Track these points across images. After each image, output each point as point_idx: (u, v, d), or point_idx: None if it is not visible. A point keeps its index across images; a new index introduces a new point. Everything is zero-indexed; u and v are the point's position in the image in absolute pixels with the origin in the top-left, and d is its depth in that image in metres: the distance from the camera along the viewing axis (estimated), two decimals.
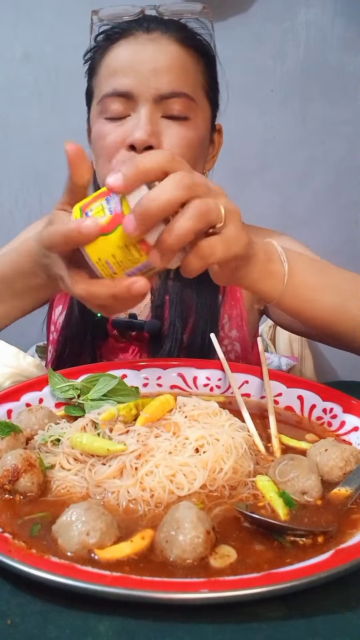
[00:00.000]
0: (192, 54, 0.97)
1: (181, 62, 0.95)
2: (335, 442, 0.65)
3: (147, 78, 0.92)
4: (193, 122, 0.96)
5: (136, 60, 0.93)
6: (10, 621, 0.44)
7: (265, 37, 2.05)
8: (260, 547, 0.51)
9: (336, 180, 2.20)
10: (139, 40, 0.95)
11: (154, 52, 0.94)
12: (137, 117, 0.93)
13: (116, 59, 0.96)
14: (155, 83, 0.92)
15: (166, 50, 0.94)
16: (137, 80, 0.92)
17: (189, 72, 0.96)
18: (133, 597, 0.43)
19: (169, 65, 0.93)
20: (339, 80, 2.12)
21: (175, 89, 0.93)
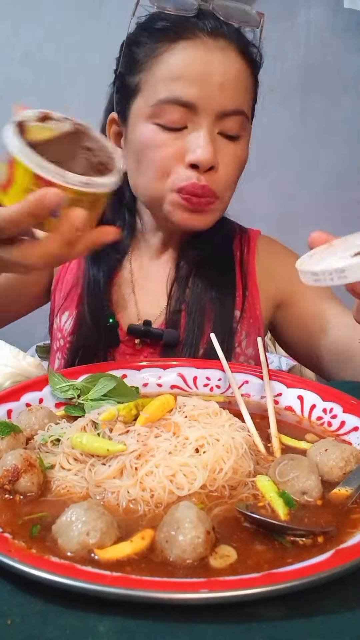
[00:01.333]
0: (250, 68, 0.94)
1: (244, 78, 0.92)
2: (335, 442, 0.65)
3: (213, 92, 0.88)
4: (243, 140, 0.95)
5: (205, 70, 0.87)
6: (10, 621, 0.44)
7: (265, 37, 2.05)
8: (260, 547, 0.51)
9: (336, 180, 2.20)
10: (208, 47, 0.88)
11: (222, 63, 0.89)
12: (197, 132, 0.89)
13: (181, 63, 0.88)
14: (221, 98, 0.88)
15: (233, 63, 0.90)
16: (203, 92, 0.87)
17: (247, 89, 0.93)
18: (133, 597, 0.43)
19: (234, 80, 0.90)
20: (339, 80, 2.12)
21: (237, 107, 0.91)
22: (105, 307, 1.02)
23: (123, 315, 1.04)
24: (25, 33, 1.98)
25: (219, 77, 0.88)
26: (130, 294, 1.06)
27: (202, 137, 0.89)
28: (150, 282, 1.07)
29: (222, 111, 0.89)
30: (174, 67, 0.88)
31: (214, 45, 0.89)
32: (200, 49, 0.88)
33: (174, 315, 1.02)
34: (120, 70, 0.97)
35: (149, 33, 0.92)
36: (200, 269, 1.04)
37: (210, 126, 0.89)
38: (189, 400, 0.71)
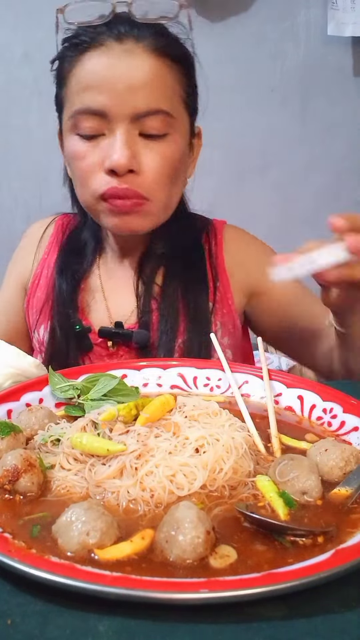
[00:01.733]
0: (169, 64, 0.91)
1: (158, 76, 0.89)
2: (335, 442, 0.65)
3: (122, 95, 0.87)
4: (171, 137, 0.92)
5: (110, 76, 0.87)
6: (10, 621, 0.44)
7: (265, 37, 2.05)
8: (260, 547, 0.51)
9: (336, 180, 2.20)
10: (112, 53, 0.88)
11: (129, 67, 0.87)
12: (113, 138, 0.89)
13: (87, 73, 0.89)
14: (131, 101, 0.87)
15: (142, 64, 0.88)
16: (111, 98, 0.87)
17: (166, 86, 0.90)
18: (133, 597, 0.43)
19: (145, 80, 0.88)
20: (339, 80, 2.12)
21: (152, 107, 0.88)
22: (72, 315, 1.05)
23: (96, 319, 1.06)
24: (25, 33, 1.98)
25: (126, 80, 0.87)
26: (101, 299, 1.08)
27: (117, 142, 0.88)
28: (119, 285, 1.08)
29: (136, 113, 0.88)
30: (83, 78, 0.90)
31: (120, 49, 0.88)
32: (105, 56, 0.88)
33: (145, 315, 1.03)
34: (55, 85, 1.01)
35: (67, 48, 0.94)
36: (167, 264, 1.06)
37: (125, 130, 0.89)
38: (189, 400, 0.71)
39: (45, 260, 1.13)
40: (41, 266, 1.14)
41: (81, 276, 1.08)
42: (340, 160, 2.18)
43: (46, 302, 1.09)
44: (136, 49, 0.88)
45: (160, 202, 0.95)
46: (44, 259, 1.14)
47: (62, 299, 1.06)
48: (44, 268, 1.13)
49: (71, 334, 1.04)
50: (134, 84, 0.87)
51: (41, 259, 1.14)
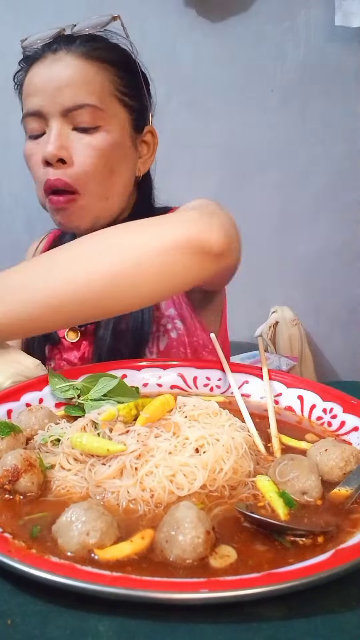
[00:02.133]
0: (98, 65, 1.01)
1: (84, 75, 0.99)
2: (335, 442, 0.65)
3: (52, 95, 0.98)
4: (104, 129, 1.00)
5: (42, 80, 1.00)
6: (10, 621, 0.44)
7: (265, 37, 2.05)
8: (261, 547, 0.51)
9: (336, 180, 2.20)
10: (46, 62, 1.01)
11: (58, 71, 0.99)
12: (48, 133, 1.00)
13: (29, 82, 1.02)
14: (59, 99, 0.98)
15: (67, 66, 0.99)
16: (45, 99, 0.99)
17: (93, 83, 1.00)
18: (133, 597, 0.43)
19: (70, 80, 0.98)
20: (339, 80, 2.12)
21: (78, 101, 0.98)
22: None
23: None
24: (25, 33, 1.98)
25: (55, 82, 0.99)
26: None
27: (50, 135, 0.99)
28: None
29: (65, 108, 0.98)
30: (26, 87, 1.03)
31: (53, 58, 1.01)
32: (41, 66, 1.02)
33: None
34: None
35: (22, 63, 1.08)
36: None
37: (57, 125, 0.99)
38: (189, 400, 0.71)
39: None
40: None
41: None
42: (340, 160, 2.18)
43: None
44: (65, 56, 1.01)
45: (93, 196, 1.01)
46: None
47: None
48: None
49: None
50: (62, 84, 0.98)
51: None
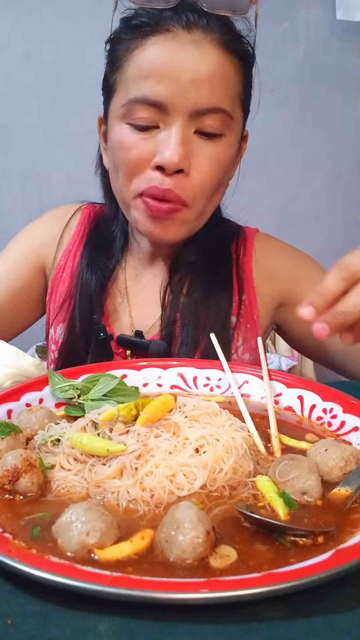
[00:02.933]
0: (235, 61, 0.86)
1: (223, 73, 0.84)
2: (335, 442, 0.65)
3: (184, 89, 0.81)
4: (226, 139, 0.88)
5: (174, 66, 0.81)
6: (11, 621, 0.44)
7: (265, 37, 2.05)
8: (261, 547, 0.51)
9: (336, 180, 2.20)
10: (179, 41, 0.82)
11: (195, 58, 0.82)
12: (168, 132, 0.84)
13: (149, 60, 0.83)
14: (193, 95, 0.82)
15: (209, 58, 0.83)
16: (173, 90, 0.82)
17: (229, 84, 0.86)
18: (133, 597, 0.43)
19: (210, 75, 0.83)
20: (339, 80, 2.12)
21: (214, 105, 0.84)
22: (97, 320, 0.99)
23: (117, 326, 1.02)
24: (25, 33, 1.98)
25: (190, 72, 0.81)
26: (125, 304, 1.03)
27: (172, 138, 0.83)
28: (144, 291, 1.03)
29: (196, 109, 0.83)
30: (143, 64, 0.83)
31: (187, 38, 0.82)
32: (170, 44, 0.82)
33: (169, 325, 0.97)
34: (105, 69, 0.93)
35: (127, 29, 0.87)
36: (195, 274, 1.00)
37: (182, 126, 0.83)
38: (189, 400, 0.71)
39: (70, 251, 1.07)
40: (65, 257, 1.06)
41: (108, 277, 1.02)
42: (340, 160, 2.18)
43: (67, 299, 1.03)
44: (204, 41, 0.83)
45: (198, 210, 0.91)
46: (69, 250, 1.07)
47: (87, 298, 1.00)
48: (67, 260, 1.06)
49: (92, 339, 0.98)
50: (199, 78, 0.82)
51: (65, 249, 1.07)
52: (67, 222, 1.10)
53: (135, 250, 1.05)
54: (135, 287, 1.04)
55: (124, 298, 1.03)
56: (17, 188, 2.13)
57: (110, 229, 1.06)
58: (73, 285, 1.03)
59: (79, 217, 1.11)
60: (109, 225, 1.06)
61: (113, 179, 0.95)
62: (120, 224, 1.04)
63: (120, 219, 1.04)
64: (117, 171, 0.91)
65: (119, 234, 1.05)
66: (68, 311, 1.03)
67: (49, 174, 2.09)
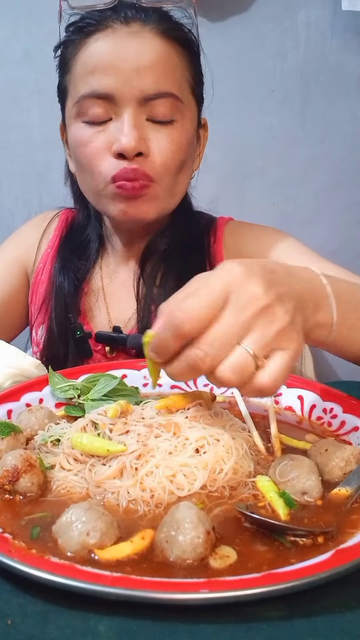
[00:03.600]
0: (177, 47, 0.89)
1: (166, 58, 0.87)
2: (335, 442, 0.65)
3: (130, 78, 0.85)
4: (180, 123, 0.90)
5: (117, 58, 0.85)
6: (11, 621, 0.44)
7: (265, 37, 2.05)
8: (261, 548, 0.51)
9: (336, 180, 2.19)
10: (118, 34, 0.86)
11: (136, 48, 0.85)
12: (121, 121, 0.87)
13: (93, 56, 0.87)
14: (139, 83, 0.85)
15: (150, 45, 0.86)
16: (119, 80, 0.85)
17: (174, 69, 0.89)
18: (133, 597, 0.43)
19: (153, 62, 0.86)
20: (339, 80, 2.11)
21: (161, 89, 0.86)
22: (73, 319, 1.01)
23: (95, 324, 1.04)
24: (25, 33, 1.98)
25: (133, 62, 0.85)
26: (102, 302, 1.06)
27: (125, 125, 0.86)
28: (119, 287, 1.06)
29: (144, 96, 0.86)
30: (89, 61, 0.87)
31: (127, 31, 0.86)
32: (111, 38, 0.86)
33: (145, 318, 0.99)
34: (58, 77, 0.97)
35: (72, 32, 0.91)
36: (166, 265, 1.02)
37: (133, 113, 0.86)
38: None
39: (48, 254, 1.11)
40: (44, 260, 1.11)
41: (83, 277, 1.06)
42: (340, 160, 2.18)
43: (45, 301, 1.07)
44: (143, 31, 0.87)
45: (166, 186, 0.92)
46: (47, 253, 1.12)
47: (62, 300, 1.04)
48: (46, 263, 1.11)
49: (70, 338, 1.01)
50: (142, 66, 0.85)
51: (44, 253, 1.12)
52: (45, 227, 1.15)
53: (109, 250, 1.08)
54: (111, 285, 1.07)
55: (100, 296, 1.06)
56: (17, 188, 2.13)
57: (84, 233, 1.09)
58: (49, 287, 1.07)
59: (56, 222, 1.16)
60: (82, 229, 1.10)
61: (80, 179, 0.97)
62: (93, 227, 1.08)
63: (93, 221, 1.07)
64: (83, 169, 0.93)
65: (93, 237, 1.08)
66: (45, 312, 1.06)
67: (49, 174, 2.09)
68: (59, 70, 0.96)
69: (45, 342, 1.04)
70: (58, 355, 1.01)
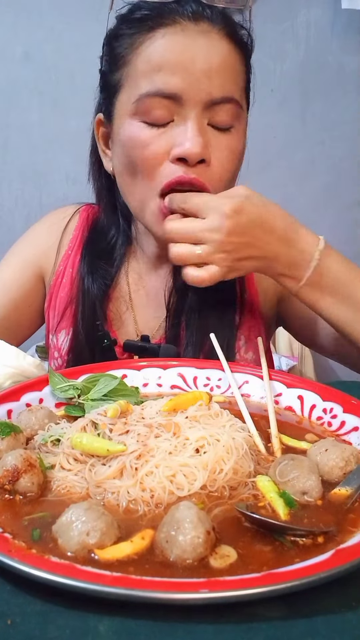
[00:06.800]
0: (239, 52, 0.87)
1: (232, 63, 0.85)
2: (335, 442, 0.65)
3: (198, 80, 0.81)
4: (237, 130, 0.88)
5: (187, 57, 0.81)
6: (10, 621, 0.44)
7: (265, 37, 2.05)
8: (261, 547, 0.51)
9: (336, 180, 2.20)
10: (188, 32, 0.82)
11: (206, 49, 0.82)
12: (184, 124, 0.83)
13: (160, 52, 0.82)
14: (207, 86, 0.82)
15: (219, 48, 0.83)
16: (187, 81, 0.81)
17: (238, 75, 0.87)
18: (133, 597, 0.43)
19: (222, 65, 0.83)
20: (339, 80, 2.12)
21: (227, 94, 0.84)
22: (101, 327, 0.98)
23: (121, 331, 1.01)
24: (25, 33, 1.98)
25: (203, 63, 0.81)
26: (128, 309, 1.02)
27: (189, 129, 0.82)
28: (147, 295, 1.02)
29: (211, 100, 0.83)
30: (154, 58, 0.82)
31: (196, 29, 0.82)
32: (180, 35, 0.82)
33: (173, 328, 0.96)
34: (103, 68, 0.92)
35: (128, 25, 0.86)
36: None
37: (198, 116, 0.83)
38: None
39: (69, 256, 1.06)
40: (64, 263, 1.05)
41: (110, 281, 1.01)
42: (340, 160, 2.18)
43: (69, 306, 1.02)
44: (211, 31, 0.83)
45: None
46: (68, 255, 1.06)
47: (89, 305, 0.99)
48: (67, 266, 1.05)
49: (96, 345, 0.97)
50: (211, 68, 0.82)
51: (64, 254, 1.06)
52: (64, 226, 1.08)
53: (139, 254, 1.04)
54: (139, 292, 1.03)
55: (127, 303, 1.02)
56: (17, 188, 2.13)
57: (109, 233, 1.04)
58: (74, 291, 1.02)
59: (77, 219, 1.09)
60: (107, 230, 1.04)
61: (125, 181, 0.91)
62: (121, 228, 1.03)
63: (122, 223, 1.02)
64: (133, 171, 0.88)
65: (121, 239, 1.03)
66: (70, 318, 1.01)
67: (49, 174, 2.09)
68: (107, 63, 0.90)
69: (70, 348, 1.00)
70: (83, 363, 0.96)
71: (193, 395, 0.68)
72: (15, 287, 1.06)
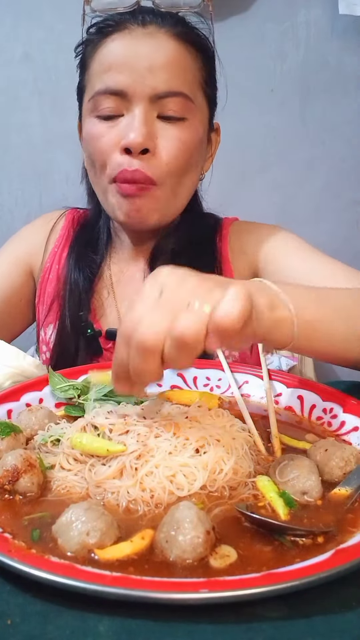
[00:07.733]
0: (190, 50, 0.93)
1: (179, 59, 0.91)
2: (335, 442, 0.65)
3: (142, 75, 0.88)
4: (190, 122, 0.93)
5: (131, 56, 0.89)
6: (10, 621, 0.44)
7: (265, 37, 2.05)
8: (261, 547, 0.51)
9: (336, 180, 2.19)
10: (134, 35, 0.90)
11: (150, 48, 0.89)
12: (131, 117, 0.89)
13: (109, 54, 0.91)
14: (151, 81, 0.88)
15: (163, 46, 0.90)
16: (131, 77, 0.88)
17: (186, 70, 0.92)
18: (133, 597, 0.43)
19: (166, 62, 0.89)
20: (339, 80, 2.11)
21: (172, 88, 0.89)
22: (84, 317, 1.02)
23: (105, 321, 1.05)
24: (25, 33, 1.98)
25: (146, 60, 0.88)
26: (111, 299, 1.06)
27: (134, 120, 0.89)
28: (128, 284, 1.06)
29: (156, 94, 0.89)
30: (105, 59, 0.91)
31: (143, 32, 0.90)
32: (127, 38, 0.90)
33: None
34: (78, 73, 1.01)
35: (91, 34, 0.96)
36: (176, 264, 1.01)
37: (144, 110, 0.89)
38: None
39: (55, 253, 1.12)
40: (51, 259, 1.12)
41: (95, 274, 1.06)
42: (340, 160, 2.18)
43: (55, 300, 1.08)
44: (158, 33, 0.91)
45: (168, 188, 0.94)
46: (54, 252, 1.12)
47: (76, 297, 1.04)
48: (54, 262, 1.11)
49: (81, 337, 1.01)
50: (155, 64, 0.88)
51: (51, 251, 1.12)
52: (52, 227, 1.16)
53: (118, 246, 1.09)
54: (121, 282, 1.07)
55: (110, 293, 1.07)
56: (17, 188, 2.13)
57: (94, 228, 1.10)
58: (60, 285, 1.07)
59: (63, 221, 1.16)
60: (93, 225, 1.11)
61: (91, 174, 1.00)
62: (104, 222, 1.09)
63: (104, 217, 1.08)
64: (93, 164, 0.96)
65: (103, 232, 1.09)
66: (57, 311, 1.06)
67: (49, 174, 2.09)
68: (79, 70, 1.00)
69: (57, 341, 1.04)
70: (68, 354, 1.02)
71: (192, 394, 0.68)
72: (6, 284, 1.12)
